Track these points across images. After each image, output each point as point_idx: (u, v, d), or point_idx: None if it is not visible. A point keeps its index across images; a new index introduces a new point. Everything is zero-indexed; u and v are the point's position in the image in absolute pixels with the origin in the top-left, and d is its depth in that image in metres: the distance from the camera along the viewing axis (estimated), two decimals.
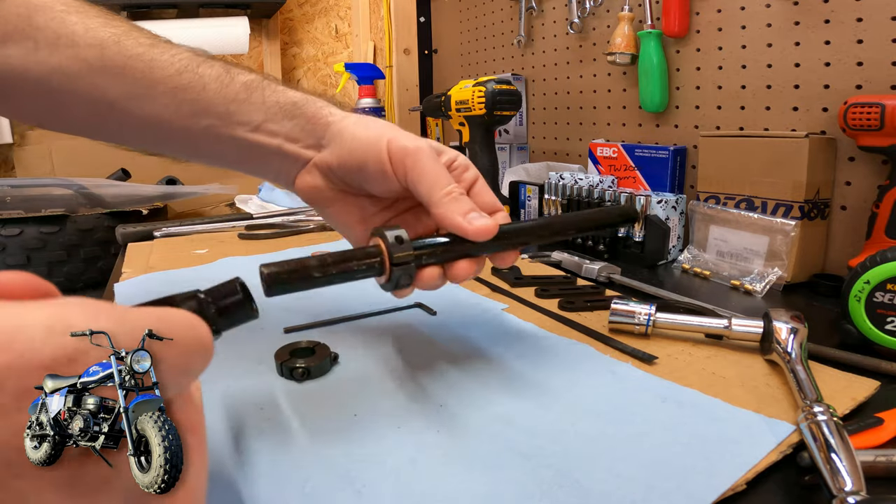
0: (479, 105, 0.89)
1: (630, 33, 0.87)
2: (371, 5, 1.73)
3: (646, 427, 0.34)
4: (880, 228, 0.57)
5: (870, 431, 0.33)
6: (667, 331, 0.49)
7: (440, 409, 0.37)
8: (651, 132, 0.92)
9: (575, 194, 0.83)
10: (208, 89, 0.41)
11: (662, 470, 0.30)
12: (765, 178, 0.66)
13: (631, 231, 0.76)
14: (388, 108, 1.60)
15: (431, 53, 1.57)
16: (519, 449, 0.32)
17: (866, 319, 0.45)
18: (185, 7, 1.66)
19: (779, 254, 0.65)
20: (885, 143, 0.57)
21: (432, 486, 0.29)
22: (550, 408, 0.37)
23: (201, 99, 0.41)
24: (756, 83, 0.74)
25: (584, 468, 0.30)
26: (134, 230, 0.92)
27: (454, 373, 0.42)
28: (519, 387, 0.40)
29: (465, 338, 0.49)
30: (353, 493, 0.29)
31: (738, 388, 0.39)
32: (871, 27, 0.61)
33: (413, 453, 0.32)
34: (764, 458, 0.31)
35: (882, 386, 0.39)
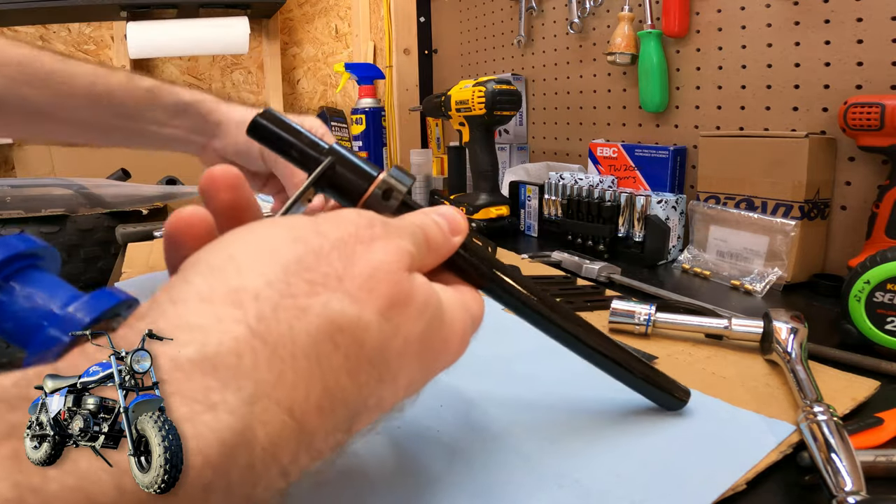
0: (479, 105, 0.89)
1: (630, 33, 0.87)
2: (371, 5, 1.73)
3: (646, 427, 0.34)
4: (880, 228, 0.57)
5: (870, 431, 0.33)
6: (667, 331, 0.49)
7: (440, 409, 0.37)
8: (651, 132, 0.92)
9: (575, 194, 0.83)
10: (116, 95, 0.50)
11: (662, 470, 0.30)
12: (765, 178, 0.66)
13: (631, 231, 0.76)
14: (388, 108, 1.60)
15: (431, 53, 1.57)
16: (519, 449, 0.32)
17: (866, 319, 0.45)
18: (185, 7, 1.66)
19: (779, 254, 0.64)
20: (885, 143, 0.57)
21: (432, 486, 0.29)
22: (550, 408, 0.37)
23: (114, 104, 0.50)
24: (756, 83, 0.74)
25: (584, 468, 0.30)
26: (134, 230, 0.92)
27: (454, 373, 0.42)
28: (519, 387, 0.40)
29: None
30: (353, 492, 0.29)
31: (738, 388, 0.39)
32: (871, 27, 0.61)
33: (413, 453, 0.32)
34: (764, 458, 0.31)
35: (882, 386, 0.39)
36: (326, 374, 0.18)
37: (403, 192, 0.26)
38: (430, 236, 0.24)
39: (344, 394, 0.18)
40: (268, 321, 0.17)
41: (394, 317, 0.20)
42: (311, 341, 0.18)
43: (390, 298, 0.20)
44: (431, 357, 0.23)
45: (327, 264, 0.20)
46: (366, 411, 0.20)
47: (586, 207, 0.81)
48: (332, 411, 0.18)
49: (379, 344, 0.19)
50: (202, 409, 0.16)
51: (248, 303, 0.17)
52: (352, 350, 0.18)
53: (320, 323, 0.18)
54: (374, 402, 0.20)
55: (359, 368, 0.19)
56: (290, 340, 0.17)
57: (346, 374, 0.18)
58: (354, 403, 0.19)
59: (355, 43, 1.82)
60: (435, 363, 0.24)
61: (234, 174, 0.24)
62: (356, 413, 0.19)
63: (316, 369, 0.17)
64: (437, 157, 1.47)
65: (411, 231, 0.23)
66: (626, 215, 0.77)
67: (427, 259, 0.24)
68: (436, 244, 0.25)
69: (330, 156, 0.26)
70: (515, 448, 0.32)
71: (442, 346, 0.23)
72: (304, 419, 0.17)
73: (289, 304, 0.18)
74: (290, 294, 0.18)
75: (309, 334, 0.18)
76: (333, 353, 0.18)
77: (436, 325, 0.22)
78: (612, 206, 0.78)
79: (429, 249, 0.24)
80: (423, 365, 0.22)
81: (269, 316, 0.17)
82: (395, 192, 0.26)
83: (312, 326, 0.18)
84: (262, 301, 0.18)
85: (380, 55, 1.64)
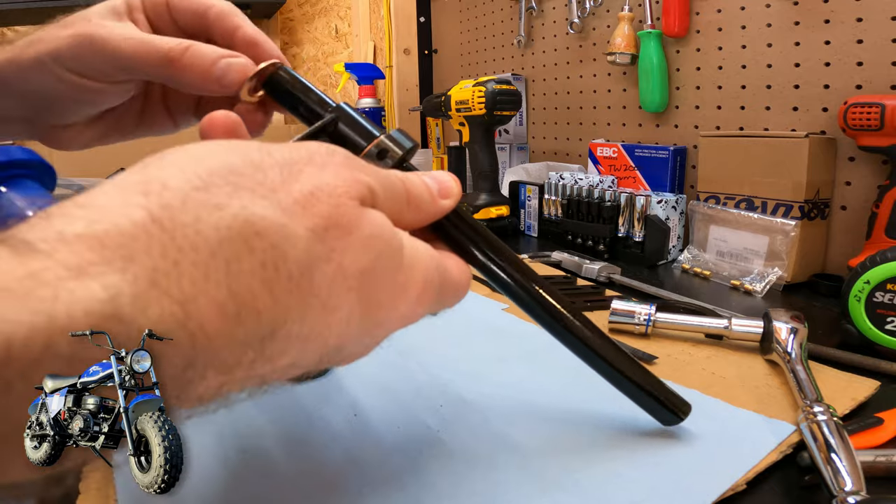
0: (479, 105, 0.89)
1: (630, 33, 0.87)
2: (371, 5, 1.73)
3: (646, 427, 0.34)
4: (880, 228, 0.57)
5: (870, 431, 0.33)
6: (667, 331, 0.49)
7: (440, 409, 0.37)
8: (651, 132, 0.92)
9: (575, 194, 0.83)
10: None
11: (662, 470, 0.30)
12: (765, 178, 0.66)
13: (631, 231, 0.76)
14: (388, 108, 1.60)
15: (431, 53, 1.57)
16: (519, 449, 0.32)
17: (866, 319, 0.45)
18: None
19: (779, 254, 0.64)
20: (885, 143, 0.57)
21: (432, 486, 0.29)
22: (550, 408, 0.37)
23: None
24: (756, 83, 0.74)
25: (584, 468, 0.30)
26: None
27: (454, 373, 0.42)
28: (519, 387, 0.40)
29: (465, 338, 0.49)
30: (353, 492, 0.29)
31: (738, 388, 0.39)
32: (871, 27, 0.61)
33: (413, 453, 0.32)
34: (764, 458, 0.31)
35: (882, 386, 0.39)
36: (235, 276, 0.17)
37: (399, 154, 0.26)
38: (412, 191, 0.24)
39: (256, 303, 0.17)
40: (173, 210, 0.16)
41: (329, 240, 0.19)
42: (218, 237, 0.17)
43: (327, 219, 0.19)
44: (381, 299, 0.21)
45: (263, 175, 0.19)
46: (288, 336, 0.18)
47: (586, 207, 0.81)
48: (239, 318, 0.17)
49: (306, 261, 0.18)
50: (69, 276, 0.15)
51: (155, 192, 0.17)
52: (270, 258, 0.17)
53: (234, 222, 0.17)
54: (299, 329, 0.19)
55: (276, 280, 0.18)
56: (194, 232, 0.16)
57: (261, 284, 0.17)
58: (270, 319, 0.18)
59: (355, 43, 1.82)
60: (386, 309, 0.22)
61: (233, 119, 0.24)
62: (272, 331, 0.18)
63: (222, 267, 0.16)
64: (437, 157, 1.47)
65: (386, 177, 0.23)
66: (626, 215, 0.77)
67: (407, 213, 0.24)
68: (419, 200, 0.24)
69: (335, 113, 0.26)
70: (515, 448, 0.32)
71: (396, 292, 0.22)
72: (203, 318, 0.16)
73: (201, 198, 0.17)
74: (206, 189, 0.17)
75: (218, 230, 0.17)
76: (247, 256, 0.17)
77: (388, 265, 0.21)
78: (612, 206, 0.78)
79: (408, 203, 0.24)
80: (367, 303, 0.21)
81: (176, 206, 0.17)
82: (390, 153, 0.26)
83: (224, 223, 0.17)
84: (172, 191, 0.17)
85: (380, 55, 1.64)
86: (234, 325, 0.17)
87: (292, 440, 0.34)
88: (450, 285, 0.25)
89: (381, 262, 0.21)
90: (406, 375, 0.42)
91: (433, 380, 0.41)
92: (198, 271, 0.16)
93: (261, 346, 0.18)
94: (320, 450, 0.33)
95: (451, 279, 0.25)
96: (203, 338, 0.16)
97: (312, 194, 0.19)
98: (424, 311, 0.24)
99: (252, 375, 0.18)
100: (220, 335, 0.16)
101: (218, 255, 0.17)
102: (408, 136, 0.27)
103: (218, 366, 0.17)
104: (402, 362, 0.44)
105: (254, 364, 0.18)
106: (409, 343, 0.47)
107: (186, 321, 0.16)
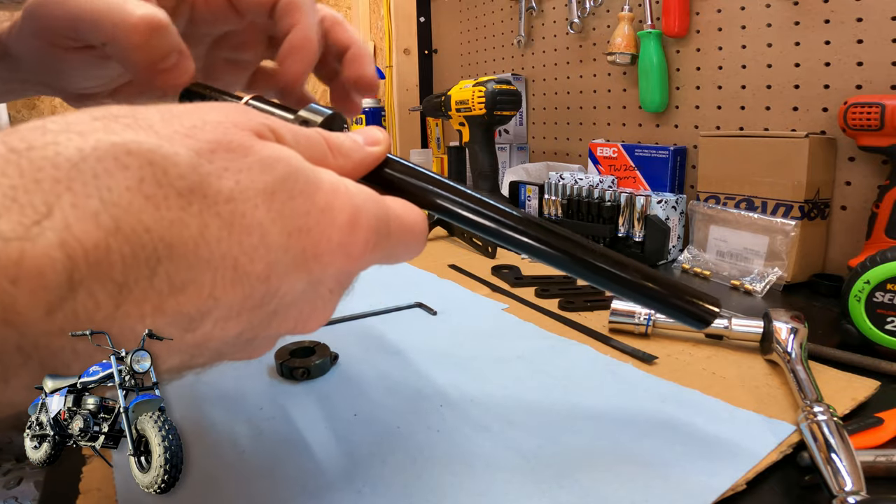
0: (479, 105, 0.89)
1: (630, 33, 0.87)
2: (371, 5, 1.73)
3: (646, 427, 0.34)
4: (880, 228, 0.57)
5: (870, 431, 0.33)
6: (667, 331, 0.49)
7: (440, 409, 0.37)
8: (651, 132, 0.92)
9: (575, 194, 0.83)
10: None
11: (662, 470, 0.30)
12: (765, 178, 0.66)
13: (631, 231, 0.76)
14: (388, 108, 1.60)
15: (431, 53, 1.57)
16: (519, 449, 0.32)
17: (866, 319, 0.45)
18: None
19: (779, 254, 0.65)
20: (885, 143, 0.57)
21: (432, 485, 0.29)
22: (550, 408, 0.37)
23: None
24: (756, 83, 0.74)
25: (584, 468, 0.30)
26: None
27: (454, 373, 0.42)
28: (519, 387, 0.40)
29: (466, 338, 0.49)
30: (353, 492, 0.29)
31: (738, 388, 0.39)
32: (871, 27, 0.61)
33: (413, 453, 0.32)
34: (764, 458, 0.31)
35: (882, 386, 0.39)
36: (108, 189, 0.17)
37: (319, 119, 0.27)
38: (332, 140, 0.24)
39: (141, 217, 0.17)
40: (30, 140, 0.17)
41: (218, 160, 0.19)
42: (82, 155, 0.17)
43: (213, 143, 0.19)
44: (301, 224, 0.20)
45: (142, 115, 0.19)
46: (196, 258, 0.18)
47: (586, 207, 0.81)
48: (120, 231, 0.16)
49: (195, 179, 0.18)
50: None
51: (19, 131, 0.17)
52: (149, 174, 0.17)
53: (100, 144, 0.17)
54: (206, 251, 0.18)
55: (162, 196, 0.17)
56: (54, 153, 0.16)
57: (144, 199, 0.17)
58: (162, 235, 0.17)
59: None
60: (314, 237, 0.21)
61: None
62: (168, 246, 0.17)
63: (90, 181, 0.16)
64: (437, 157, 1.47)
65: (299, 129, 0.23)
66: (626, 215, 0.77)
67: (331, 159, 0.24)
68: (343, 148, 0.25)
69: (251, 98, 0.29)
70: (515, 448, 0.32)
71: (320, 218, 0.21)
72: (76, 229, 0.16)
73: (58, 127, 0.17)
74: (66, 122, 0.18)
75: (81, 150, 0.17)
76: (119, 171, 0.17)
77: (300, 188, 0.20)
78: (612, 206, 0.78)
79: (331, 150, 0.24)
80: (285, 227, 0.20)
81: (36, 138, 0.17)
82: (310, 123, 0.27)
83: (88, 145, 0.17)
84: (35, 129, 0.17)
85: (380, 55, 1.64)
86: (117, 239, 0.16)
87: (292, 440, 0.34)
88: (396, 224, 0.24)
89: (288, 185, 0.20)
90: (406, 375, 0.42)
91: (433, 380, 0.41)
92: (61, 185, 0.16)
93: (158, 265, 0.17)
94: (320, 450, 0.33)
95: (397, 218, 0.24)
96: (79, 248, 0.16)
97: (194, 126, 0.19)
98: (374, 254, 0.23)
99: (165, 310, 0.17)
100: (100, 247, 0.16)
101: (83, 169, 0.16)
102: (324, 106, 0.29)
103: (109, 287, 0.16)
104: (402, 362, 0.44)
105: (161, 294, 0.17)
106: (409, 343, 0.48)
107: (58, 232, 0.16)
